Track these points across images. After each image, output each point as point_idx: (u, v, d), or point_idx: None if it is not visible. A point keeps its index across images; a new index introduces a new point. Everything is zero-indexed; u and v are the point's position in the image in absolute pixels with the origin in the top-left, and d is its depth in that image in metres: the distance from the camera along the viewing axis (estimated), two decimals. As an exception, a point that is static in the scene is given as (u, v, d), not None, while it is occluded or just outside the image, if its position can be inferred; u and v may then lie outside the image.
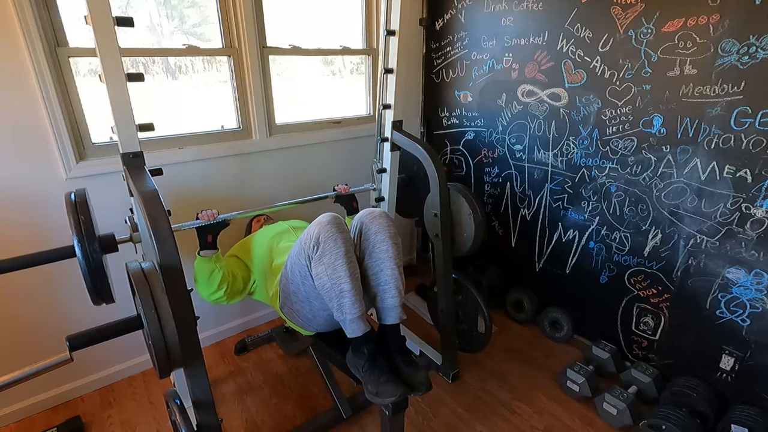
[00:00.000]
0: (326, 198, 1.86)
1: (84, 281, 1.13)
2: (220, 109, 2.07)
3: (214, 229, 1.53)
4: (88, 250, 1.10)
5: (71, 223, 1.11)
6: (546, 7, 1.92)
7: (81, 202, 1.15)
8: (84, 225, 1.11)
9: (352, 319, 1.28)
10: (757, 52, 1.40)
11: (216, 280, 1.54)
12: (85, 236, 1.10)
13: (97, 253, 1.12)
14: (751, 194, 1.50)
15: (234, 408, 1.83)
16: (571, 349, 2.17)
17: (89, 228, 1.12)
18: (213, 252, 1.54)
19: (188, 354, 1.06)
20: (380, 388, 1.24)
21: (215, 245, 1.55)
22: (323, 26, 2.30)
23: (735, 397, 1.66)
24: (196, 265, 1.55)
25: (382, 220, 1.39)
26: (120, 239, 1.24)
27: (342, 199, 1.87)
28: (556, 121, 2.01)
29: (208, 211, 1.54)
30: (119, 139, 1.24)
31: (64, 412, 1.81)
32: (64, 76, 1.60)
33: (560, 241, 2.16)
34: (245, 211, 1.71)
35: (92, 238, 1.12)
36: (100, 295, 1.18)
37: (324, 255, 1.26)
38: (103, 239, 1.16)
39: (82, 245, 1.10)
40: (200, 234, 1.52)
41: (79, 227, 1.10)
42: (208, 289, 1.56)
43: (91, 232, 1.12)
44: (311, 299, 1.39)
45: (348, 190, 1.87)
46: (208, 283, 1.54)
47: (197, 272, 1.56)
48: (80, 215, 1.11)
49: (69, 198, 1.17)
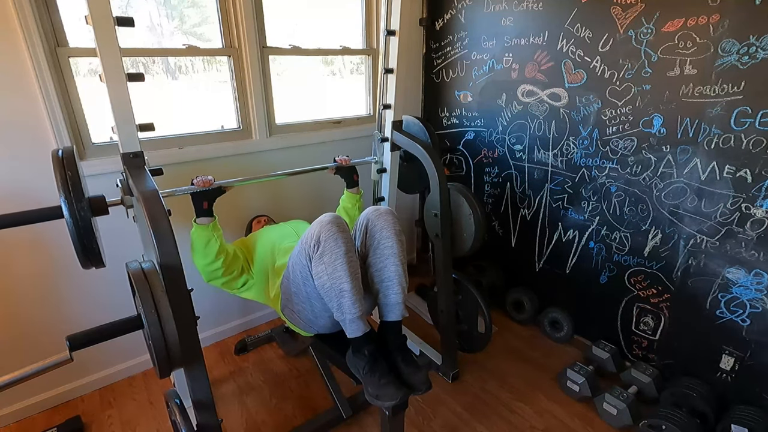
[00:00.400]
0: (327, 168, 1.84)
1: (72, 242, 1.07)
2: (220, 109, 2.07)
3: (210, 195, 1.49)
4: (75, 207, 1.04)
5: (58, 181, 1.04)
6: (546, 7, 1.92)
7: (68, 158, 1.08)
8: (71, 182, 1.04)
9: (352, 319, 1.28)
10: (757, 52, 1.40)
11: (213, 249, 1.48)
12: (73, 194, 1.04)
13: (85, 211, 1.06)
14: (751, 194, 1.50)
15: (234, 408, 1.83)
16: (571, 349, 2.17)
17: (77, 185, 1.06)
18: (209, 219, 1.49)
19: (188, 354, 1.05)
20: (380, 391, 1.24)
21: (211, 212, 1.50)
22: (323, 26, 2.30)
23: (735, 397, 1.66)
24: (193, 233, 1.49)
25: (388, 217, 1.39)
26: (111, 201, 1.21)
27: (342, 171, 1.84)
28: (556, 121, 2.01)
29: (203, 177, 1.50)
30: (119, 139, 1.24)
31: (64, 412, 1.81)
32: (64, 76, 1.60)
33: (560, 241, 2.16)
34: (242, 178, 1.66)
35: (80, 196, 1.06)
36: (88, 258, 1.12)
37: (324, 254, 1.26)
38: (93, 200, 1.11)
39: (70, 203, 1.04)
40: (195, 200, 1.47)
41: (66, 184, 1.04)
42: (205, 259, 1.50)
43: (79, 189, 1.06)
44: (312, 300, 1.39)
45: (349, 162, 1.85)
46: (204, 252, 1.49)
47: (194, 240, 1.50)
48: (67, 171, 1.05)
49: (56, 154, 1.10)
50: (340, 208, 1.89)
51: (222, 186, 1.53)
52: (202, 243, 1.48)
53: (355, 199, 1.86)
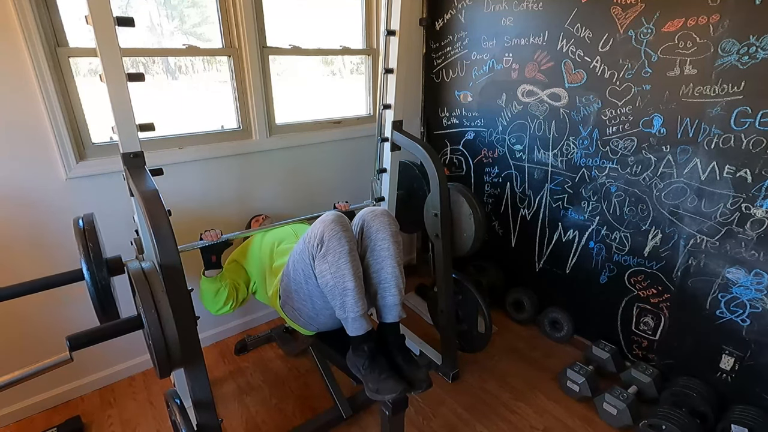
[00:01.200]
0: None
1: (92, 303, 1.17)
2: (220, 109, 2.07)
3: (217, 248, 1.56)
4: (96, 276, 1.14)
5: (80, 250, 1.14)
6: (546, 7, 1.92)
7: (89, 229, 1.17)
8: (93, 252, 1.13)
9: (355, 318, 1.28)
10: (757, 52, 1.40)
11: (222, 297, 1.58)
12: (94, 263, 1.13)
13: (105, 279, 1.15)
14: (751, 194, 1.50)
15: (234, 408, 1.83)
16: (571, 349, 2.17)
17: (98, 255, 1.14)
18: (218, 271, 1.57)
19: (188, 354, 1.05)
20: (381, 385, 1.24)
21: (219, 264, 1.58)
22: (323, 26, 2.30)
23: (735, 397, 1.66)
24: (202, 284, 1.57)
25: (384, 219, 1.39)
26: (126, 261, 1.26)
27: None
28: (556, 121, 2.01)
29: (211, 231, 1.57)
30: (119, 139, 1.24)
31: (64, 412, 1.81)
32: (64, 76, 1.60)
33: (560, 241, 2.16)
34: (247, 231, 1.75)
35: (101, 265, 1.15)
36: (106, 315, 1.22)
37: (328, 253, 1.26)
38: (111, 262, 1.19)
39: (92, 272, 1.13)
40: (204, 255, 1.55)
41: (88, 255, 1.13)
42: (215, 306, 1.60)
43: (99, 258, 1.14)
44: (314, 297, 1.39)
45: (348, 207, 1.88)
46: (214, 301, 1.58)
47: (203, 292, 1.58)
48: (89, 242, 1.14)
49: (77, 224, 1.18)
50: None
51: (229, 239, 1.59)
52: (212, 293, 1.57)
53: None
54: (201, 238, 1.55)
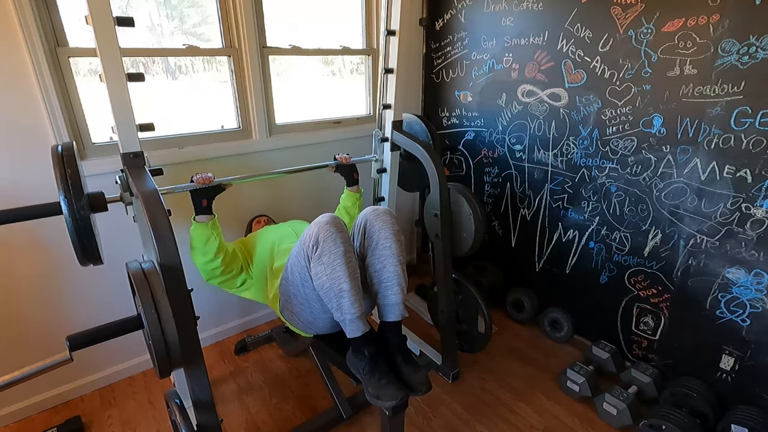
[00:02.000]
0: (327, 167, 1.84)
1: (70, 240, 1.07)
2: (220, 109, 2.07)
3: (209, 192, 1.49)
4: (75, 205, 1.03)
5: (57, 178, 1.03)
6: (546, 7, 1.92)
7: (68, 155, 1.07)
8: (71, 179, 1.04)
9: (352, 319, 1.28)
10: (757, 52, 1.40)
11: (212, 247, 1.48)
12: (72, 192, 1.03)
13: (84, 209, 1.05)
14: (751, 194, 1.50)
15: (234, 408, 1.83)
16: (571, 349, 2.17)
17: (77, 183, 1.05)
18: (209, 217, 1.49)
19: (188, 354, 1.05)
20: (381, 391, 1.24)
21: (210, 210, 1.50)
22: (323, 26, 2.30)
23: (735, 397, 1.66)
24: (192, 230, 1.49)
25: (386, 218, 1.39)
26: (110, 198, 1.21)
27: (342, 169, 1.84)
28: (556, 121, 2.01)
29: (203, 174, 1.50)
30: (119, 139, 1.24)
31: (64, 412, 1.81)
32: (64, 76, 1.60)
33: (560, 241, 2.16)
34: (242, 176, 1.66)
35: (80, 194, 1.05)
36: (87, 256, 1.12)
37: (323, 255, 1.26)
38: (92, 197, 1.10)
39: (69, 201, 1.03)
40: (195, 198, 1.47)
41: (65, 182, 1.03)
42: (204, 257, 1.49)
43: (78, 187, 1.05)
44: (311, 301, 1.39)
45: (349, 160, 1.85)
46: (204, 250, 1.48)
47: (193, 238, 1.50)
48: (67, 168, 1.04)
49: (55, 150, 1.08)
50: (340, 207, 1.88)
51: (222, 183, 1.53)
52: (202, 241, 1.48)
53: (356, 197, 1.86)
54: (192, 181, 1.48)
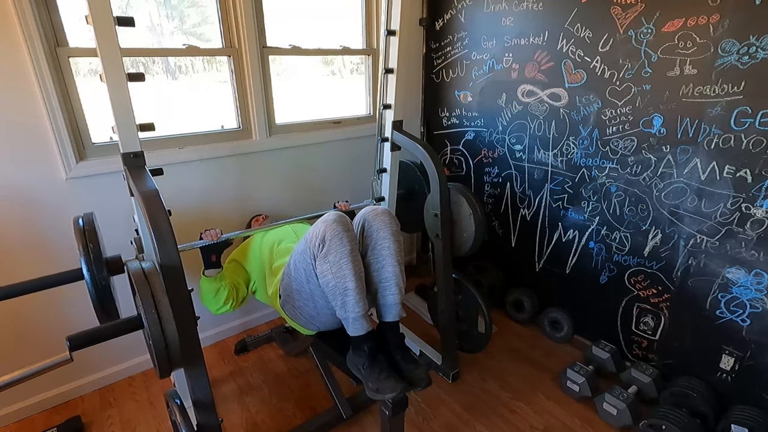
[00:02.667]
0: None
1: (92, 303, 1.16)
2: (220, 109, 2.07)
3: (217, 248, 1.55)
4: (96, 277, 1.13)
5: (80, 250, 1.13)
6: (546, 7, 1.92)
7: (89, 230, 1.16)
8: (93, 253, 1.12)
9: (355, 318, 1.29)
10: (757, 52, 1.40)
11: (222, 296, 1.57)
12: (94, 263, 1.12)
13: (105, 280, 1.14)
14: (751, 194, 1.50)
15: (234, 408, 1.83)
16: (571, 349, 2.17)
17: (98, 255, 1.13)
18: (218, 271, 1.56)
19: (188, 354, 1.06)
20: (380, 384, 1.24)
21: (219, 264, 1.57)
22: (323, 26, 2.30)
23: (735, 397, 1.66)
24: (202, 284, 1.57)
25: (385, 218, 1.39)
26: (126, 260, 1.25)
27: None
28: (556, 121, 2.01)
29: (211, 231, 1.56)
30: (120, 139, 1.24)
31: (64, 412, 1.81)
32: (64, 76, 1.60)
33: (560, 241, 2.16)
34: (247, 230, 1.74)
35: (101, 265, 1.13)
36: (106, 315, 1.21)
37: (329, 253, 1.26)
38: (111, 262, 1.18)
39: (91, 272, 1.12)
40: (204, 254, 1.54)
41: (88, 255, 1.12)
42: (215, 306, 1.59)
43: (99, 258, 1.13)
44: (315, 297, 1.39)
45: (348, 207, 1.87)
46: (214, 300, 1.57)
47: (203, 291, 1.58)
48: (89, 243, 1.13)
49: (77, 224, 1.17)
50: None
51: (229, 239, 1.58)
52: (212, 293, 1.56)
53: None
54: (201, 238, 1.55)
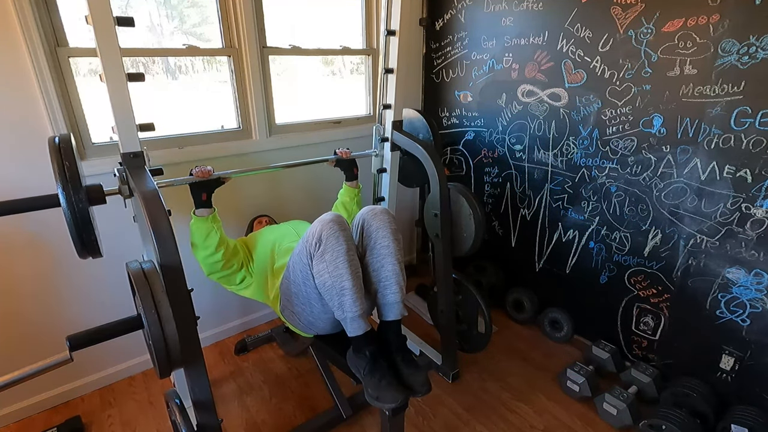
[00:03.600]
0: (326, 161, 1.84)
1: (69, 232, 1.07)
2: (220, 109, 2.07)
3: (208, 186, 1.48)
4: (73, 199, 1.02)
5: (55, 170, 1.02)
6: (546, 7, 1.92)
7: (66, 147, 1.06)
8: (69, 172, 1.02)
9: (353, 318, 1.28)
10: (757, 52, 1.40)
11: (213, 241, 1.48)
12: (71, 184, 1.02)
13: (83, 202, 1.04)
14: (751, 194, 1.50)
15: (234, 408, 1.83)
16: (571, 349, 2.17)
17: (75, 175, 1.04)
18: (209, 211, 1.48)
19: (188, 354, 1.05)
20: (381, 393, 1.23)
21: (210, 203, 1.50)
22: (323, 26, 2.30)
23: (735, 397, 1.66)
24: (192, 225, 1.49)
25: (384, 217, 1.39)
26: (108, 191, 1.20)
27: (342, 164, 1.84)
28: (556, 121, 2.01)
29: (202, 168, 1.49)
30: (119, 139, 1.24)
31: (64, 412, 1.81)
32: (64, 76, 1.60)
33: (560, 241, 2.16)
34: (241, 170, 1.67)
35: (78, 186, 1.04)
36: (86, 249, 1.12)
37: (326, 252, 1.26)
38: (90, 189, 1.10)
39: (67, 194, 1.02)
40: (194, 191, 1.47)
41: (63, 174, 1.02)
42: (205, 251, 1.49)
43: (77, 179, 1.04)
44: (312, 301, 1.39)
45: (349, 154, 1.84)
46: (205, 244, 1.48)
47: (193, 232, 1.49)
48: (65, 161, 1.03)
49: (52, 141, 1.07)
50: (338, 202, 1.88)
51: (221, 177, 1.52)
52: (202, 235, 1.48)
53: (354, 193, 1.86)
54: (191, 174, 1.47)
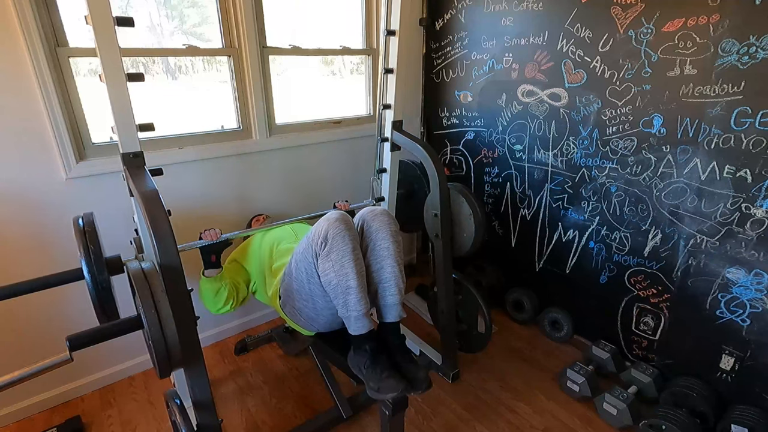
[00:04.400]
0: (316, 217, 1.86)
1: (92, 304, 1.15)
2: (220, 109, 2.07)
3: (217, 248, 1.55)
4: (97, 278, 1.12)
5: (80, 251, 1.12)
6: (546, 7, 1.92)
7: (90, 230, 1.15)
8: (94, 254, 1.12)
9: (357, 317, 1.29)
10: (757, 52, 1.40)
11: (222, 297, 1.56)
12: (95, 264, 1.11)
13: (106, 281, 1.13)
14: (751, 194, 1.50)
15: (234, 408, 1.83)
16: (571, 349, 2.17)
17: (98, 256, 1.13)
18: (217, 271, 1.56)
19: (188, 354, 1.05)
20: (382, 384, 1.24)
21: (219, 264, 1.57)
22: (323, 26, 2.30)
23: (735, 397, 1.66)
24: (202, 284, 1.56)
25: (384, 218, 1.39)
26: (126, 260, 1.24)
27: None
28: (556, 121, 2.01)
29: (211, 231, 1.55)
30: (119, 139, 1.24)
31: (64, 412, 1.81)
32: (64, 76, 1.60)
33: (560, 241, 2.16)
34: (247, 230, 1.74)
35: (101, 266, 1.13)
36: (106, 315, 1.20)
37: (332, 251, 1.26)
38: (110, 262, 1.17)
39: (92, 273, 1.11)
40: (204, 254, 1.54)
41: (89, 256, 1.11)
42: (215, 306, 1.59)
43: (100, 259, 1.13)
44: (315, 297, 1.39)
45: (348, 207, 1.87)
46: (215, 301, 1.57)
47: (203, 292, 1.57)
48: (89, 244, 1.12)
49: (77, 224, 1.16)
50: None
51: (228, 239, 1.58)
52: (212, 294, 1.56)
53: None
54: (200, 238, 1.54)
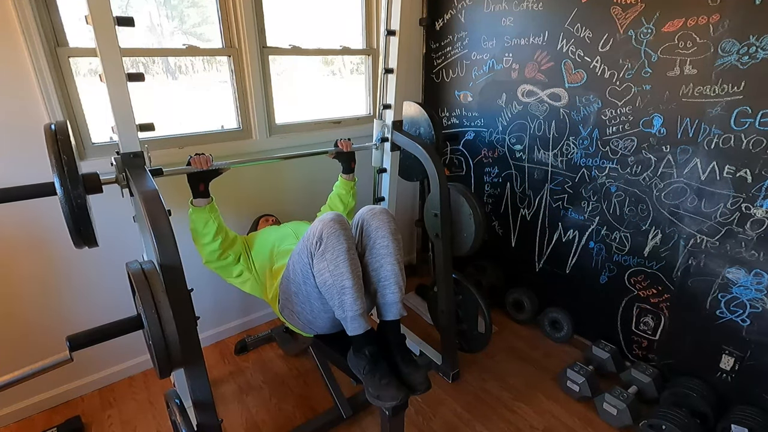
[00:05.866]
0: (326, 153, 1.84)
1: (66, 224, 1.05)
2: (220, 109, 2.07)
3: (206, 176, 1.48)
4: (71, 192, 1.00)
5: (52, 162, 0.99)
6: (546, 7, 1.92)
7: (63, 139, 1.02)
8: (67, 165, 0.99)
9: (353, 317, 1.28)
10: (757, 52, 1.40)
11: (211, 229, 1.49)
12: (68, 177, 1.00)
13: (81, 197, 1.03)
14: (751, 194, 1.50)
15: (234, 408, 1.83)
16: (571, 349, 2.17)
17: (72, 167, 1.01)
18: (206, 201, 1.49)
19: (188, 354, 1.05)
20: (381, 392, 1.24)
21: (208, 193, 1.50)
22: (323, 26, 2.30)
23: (735, 397, 1.66)
24: (190, 214, 1.50)
25: (383, 217, 1.39)
26: (105, 179, 1.19)
27: (341, 156, 1.86)
28: (556, 121, 2.01)
29: (201, 156, 1.46)
30: (119, 139, 1.24)
31: (64, 412, 1.81)
32: (64, 76, 1.60)
33: (560, 241, 2.16)
34: (241, 160, 1.66)
35: (76, 180, 1.01)
36: (83, 239, 1.10)
37: (326, 251, 1.26)
38: (87, 177, 1.07)
39: (65, 187, 1.00)
40: (192, 182, 1.47)
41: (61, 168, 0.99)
42: (203, 238, 1.51)
43: (74, 171, 1.01)
44: (312, 300, 1.39)
45: (350, 146, 1.84)
46: (203, 232, 1.50)
47: (192, 222, 1.51)
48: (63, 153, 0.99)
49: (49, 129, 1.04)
50: (334, 194, 1.89)
51: (220, 167, 1.52)
52: (201, 224, 1.50)
53: (350, 185, 1.87)
54: (189, 163, 1.46)
